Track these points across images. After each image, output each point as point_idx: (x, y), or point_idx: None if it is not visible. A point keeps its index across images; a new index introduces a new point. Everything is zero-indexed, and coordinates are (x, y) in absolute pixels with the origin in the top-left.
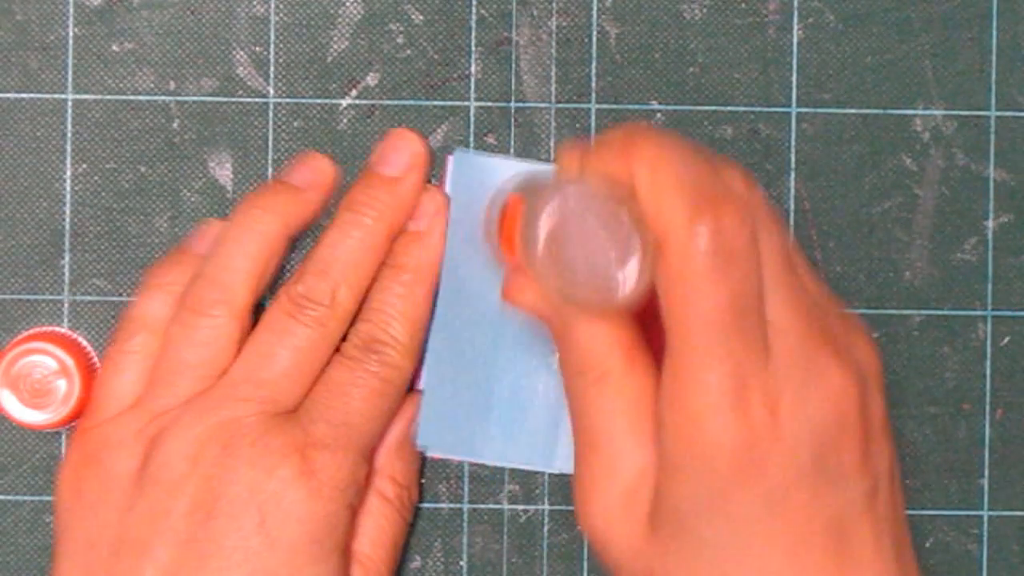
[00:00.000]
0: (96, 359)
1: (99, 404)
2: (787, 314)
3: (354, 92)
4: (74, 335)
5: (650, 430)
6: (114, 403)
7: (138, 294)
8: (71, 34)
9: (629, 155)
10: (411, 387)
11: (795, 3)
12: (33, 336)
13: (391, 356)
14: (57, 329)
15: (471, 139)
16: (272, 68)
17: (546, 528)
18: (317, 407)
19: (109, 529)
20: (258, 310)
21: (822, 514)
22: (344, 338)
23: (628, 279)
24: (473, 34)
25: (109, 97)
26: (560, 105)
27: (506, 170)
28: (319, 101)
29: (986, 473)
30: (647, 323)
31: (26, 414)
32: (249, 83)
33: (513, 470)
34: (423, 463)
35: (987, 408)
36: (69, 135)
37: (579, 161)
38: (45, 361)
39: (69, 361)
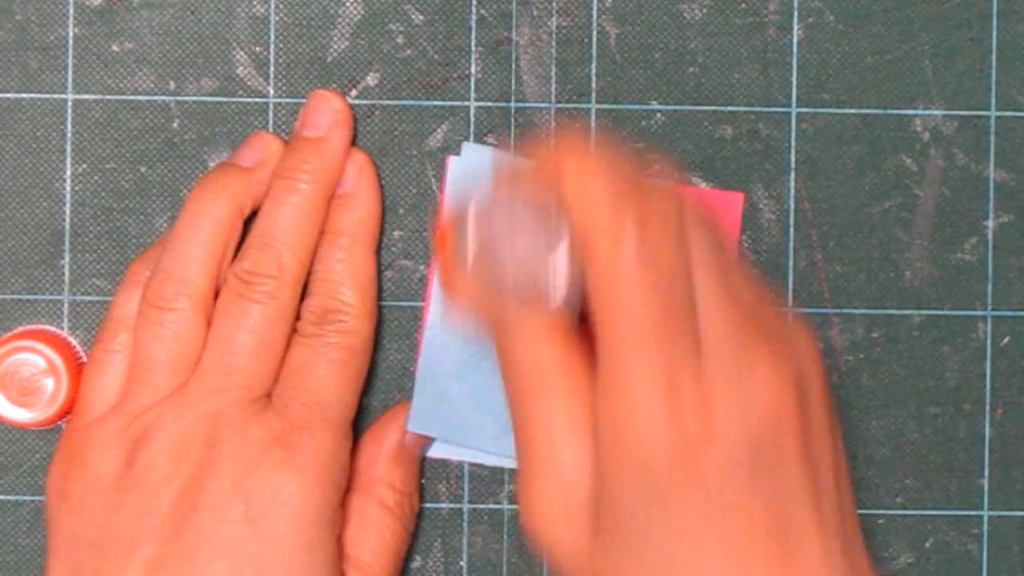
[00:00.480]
0: (85, 358)
1: (84, 404)
2: (718, 316)
3: (354, 92)
4: (63, 333)
5: (590, 431)
6: (99, 403)
7: (118, 291)
8: (71, 34)
9: (557, 159)
10: (411, 396)
11: (795, 3)
12: (22, 334)
13: (347, 323)
14: (47, 327)
15: (471, 139)
16: (272, 68)
17: None
18: (288, 391)
19: (95, 528)
20: None
21: (764, 515)
22: (299, 317)
23: (557, 278)
24: (473, 34)
25: (109, 97)
26: (560, 105)
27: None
28: None
29: (986, 473)
30: (585, 324)
31: (13, 412)
32: (249, 83)
33: (513, 470)
34: (423, 463)
35: (987, 408)
36: (69, 135)
37: (509, 171)
38: (34, 359)
39: (57, 360)
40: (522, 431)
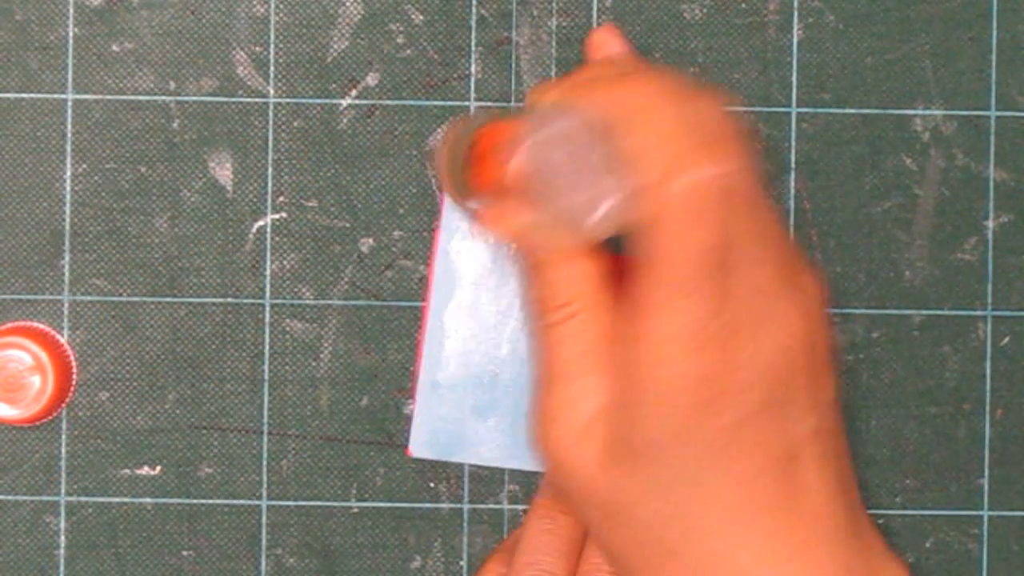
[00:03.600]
0: (72, 357)
1: None
2: (752, 259)
3: (354, 92)
4: (52, 331)
5: (608, 366)
6: None
7: None
8: (71, 34)
9: (615, 92)
10: (410, 396)
11: (795, 3)
12: (11, 330)
13: None
14: (36, 324)
15: None
16: (272, 68)
17: None
18: None
19: None
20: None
21: (772, 448)
22: None
23: (601, 213)
24: (473, 34)
25: (109, 97)
26: None
27: None
28: (319, 101)
29: (986, 473)
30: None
31: None
32: (249, 83)
33: (513, 470)
34: (423, 464)
35: (987, 408)
36: (69, 135)
37: (559, 92)
38: (21, 356)
39: (45, 358)
40: (544, 361)
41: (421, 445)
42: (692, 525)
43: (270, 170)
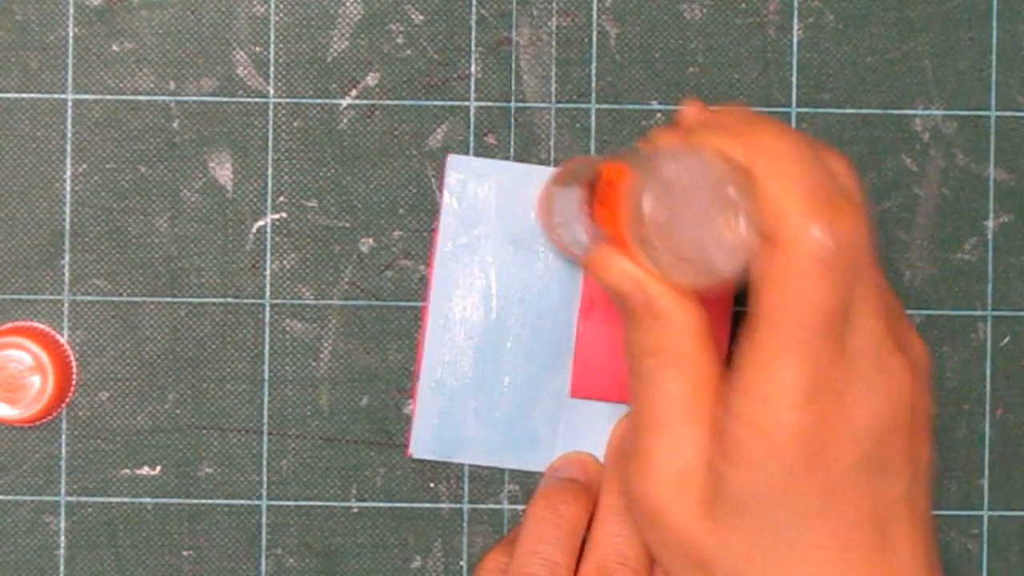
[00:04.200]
0: (72, 357)
1: None
2: (869, 316)
3: (354, 92)
4: (52, 331)
5: (708, 417)
6: None
7: None
8: (71, 34)
9: (747, 140)
10: (410, 395)
11: (795, 3)
12: (11, 330)
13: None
14: (36, 324)
15: (471, 139)
16: (272, 68)
17: None
18: None
19: None
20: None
21: (870, 506)
22: None
23: (729, 259)
24: (473, 34)
25: (109, 97)
26: (560, 105)
27: (502, 173)
28: (319, 101)
29: (986, 473)
30: (712, 311)
31: None
32: (249, 83)
33: (513, 470)
34: (423, 464)
35: (987, 408)
36: (69, 135)
37: (685, 135)
38: (21, 356)
39: (45, 358)
40: (643, 406)
41: (421, 445)
42: None
43: (270, 170)
